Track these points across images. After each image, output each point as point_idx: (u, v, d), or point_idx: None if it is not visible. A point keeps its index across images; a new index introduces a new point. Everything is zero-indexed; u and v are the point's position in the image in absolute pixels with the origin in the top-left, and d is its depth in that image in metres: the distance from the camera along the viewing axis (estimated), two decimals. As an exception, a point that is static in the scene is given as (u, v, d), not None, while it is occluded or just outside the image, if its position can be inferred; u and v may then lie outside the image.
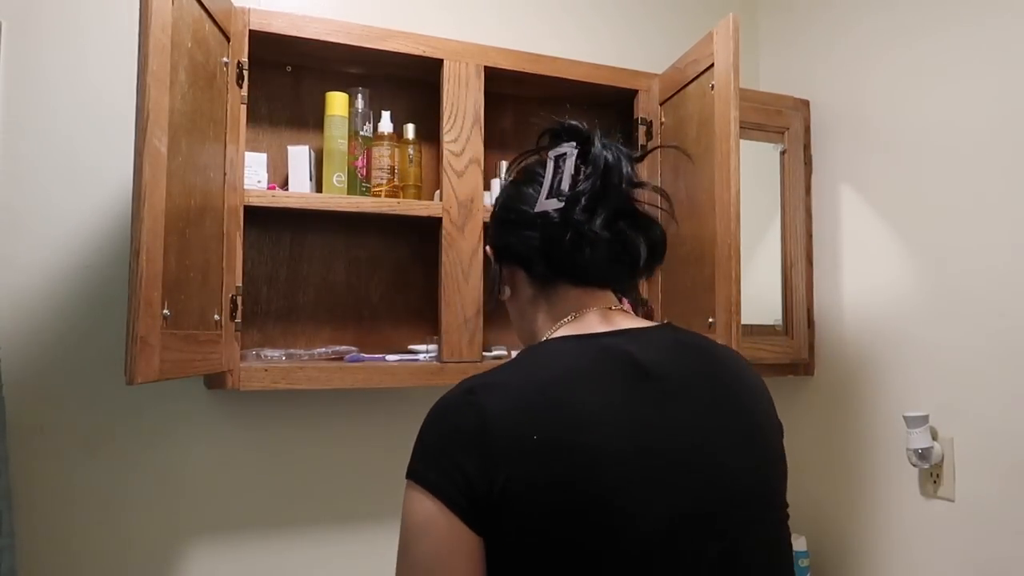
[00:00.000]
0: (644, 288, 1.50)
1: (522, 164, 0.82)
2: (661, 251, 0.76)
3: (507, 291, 0.81)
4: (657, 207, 0.82)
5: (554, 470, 0.58)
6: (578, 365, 0.66)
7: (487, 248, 0.84)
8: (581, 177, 0.72)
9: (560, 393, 0.62)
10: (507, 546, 0.59)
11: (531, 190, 0.76)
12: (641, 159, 0.78)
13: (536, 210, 0.73)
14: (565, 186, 0.72)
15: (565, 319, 0.74)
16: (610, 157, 0.72)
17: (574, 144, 0.74)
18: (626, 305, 0.78)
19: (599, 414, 0.61)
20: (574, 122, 0.76)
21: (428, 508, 0.60)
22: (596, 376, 0.64)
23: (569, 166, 0.72)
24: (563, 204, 0.71)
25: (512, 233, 0.77)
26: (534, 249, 0.75)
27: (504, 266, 0.80)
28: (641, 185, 0.75)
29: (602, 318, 0.73)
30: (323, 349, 1.36)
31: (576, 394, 0.62)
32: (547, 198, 0.72)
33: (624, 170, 0.72)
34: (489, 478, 0.58)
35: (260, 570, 1.35)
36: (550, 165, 0.74)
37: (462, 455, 0.60)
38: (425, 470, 0.62)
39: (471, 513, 0.59)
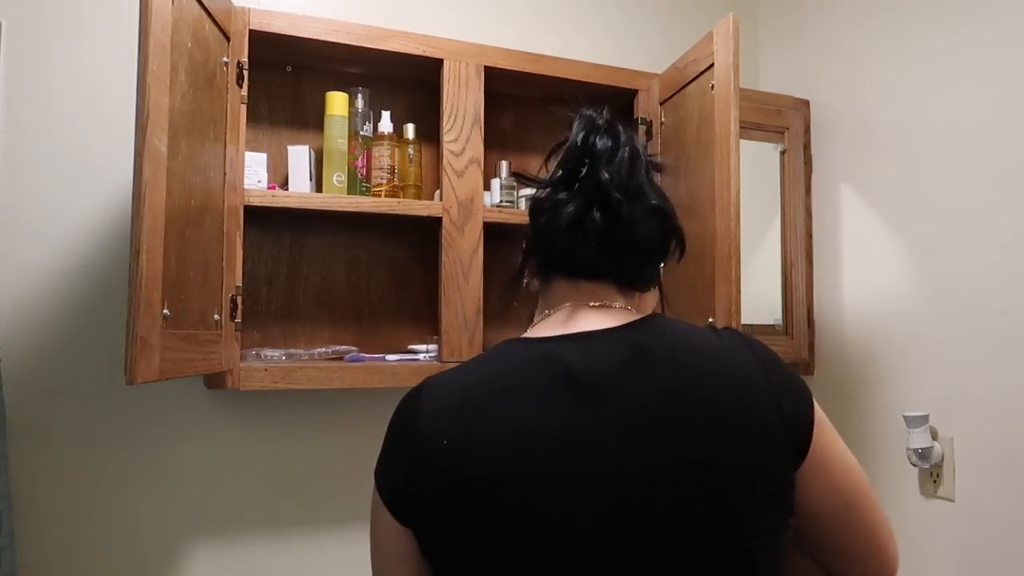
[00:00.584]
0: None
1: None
2: (666, 241, 0.71)
3: (534, 283, 0.76)
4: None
5: (456, 476, 0.59)
6: (504, 371, 0.64)
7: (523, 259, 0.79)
8: (569, 163, 0.69)
9: (479, 399, 0.62)
10: (427, 546, 0.62)
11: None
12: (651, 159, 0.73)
13: (531, 197, 0.71)
14: (557, 172, 0.70)
15: (543, 315, 0.71)
16: (604, 142, 0.68)
17: (583, 129, 0.70)
18: (636, 300, 0.72)
19: (507, 426, 0.59)
20: (587, 110, 0.72)
21: (376, 500, 0.66)
22: (517, 385, 0.62)
23: (566, 152, 0.70)
24: (547, 190, 0.69)
25: (529, 223, 0.74)
26: (531, 238, 0.73)
27: (526, 257, 0.76)
28: (655, 167, 0.71)
29: (567, 317, 0.68)
30: (323, 349, 1.36)
31: (492, 402, 0.61)
32: (543, 186, 0.71)
33: (621, 154, 0.68)
34: (410, 476, 0.61)
35: (260, 569, 1.35)
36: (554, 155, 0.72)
37: (395, 452, 0.64)
38: (378, 464, 0.67)
39: (398, 508, 0.63)
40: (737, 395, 0.61)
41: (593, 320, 0.67)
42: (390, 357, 1.34)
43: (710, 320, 1.27)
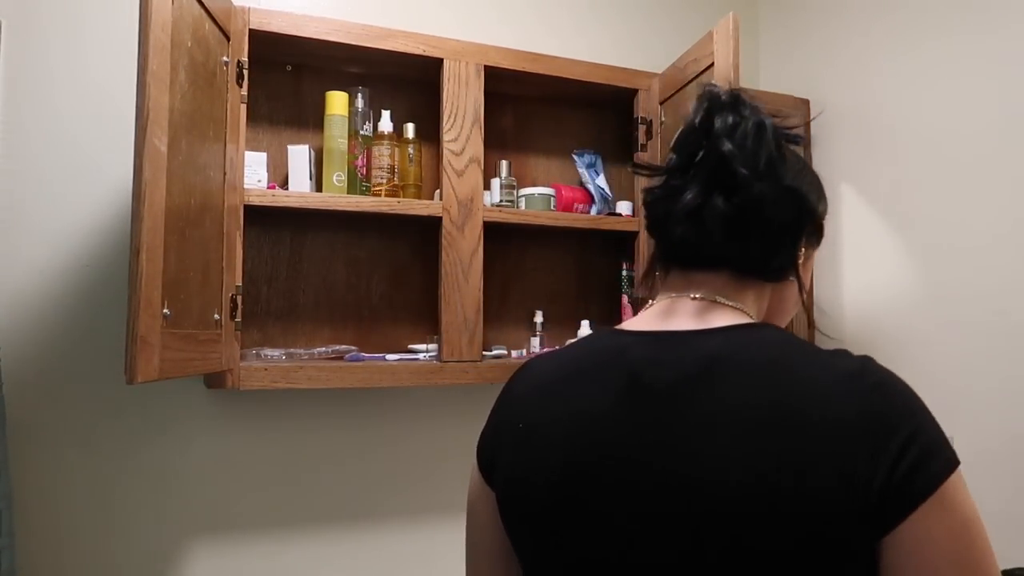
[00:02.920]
0: (645, 287, 1.49)
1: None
2: (800, 224, 0.62)
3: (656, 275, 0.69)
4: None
5: (518, 461, 0.61)
6: (579, 359, 0.63)
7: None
8: (686, 146, 0.61)
9: (549, 385, 0.63)
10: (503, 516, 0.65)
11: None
12: (791, 138, 0.63)
13: (645, 188, 0.65)
14: (672, 157, 0.63)
15: (647, 306, 0.66)
16: (725, 118, 0.60)
17: (703, 108, 0.61)
18: (767, 293, 0.65)
19: (559, 418, 0.60)
20: (710, 85, 0.63)
21: (474, 467, 0.69)
22: (581, 378, 0.61)
23: (682, 135, 0.62)
24: (662, 178, 0.62)
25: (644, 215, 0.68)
26: (650, 229, 0.66)
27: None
28: (783, 142, 0.61)
29: (664, 311, 0.63)
30: (323, 348, 1.36)
31: (556, 391, 0.62)
32: (659, 174, 0.64)
33: (744, 126, 0.59)
34: (491, 449, 0.66)
35: (260, 568, 1.35)
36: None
37: (489, 423, 0.68)
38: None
39: (486, 474, 0.66)
40: (801, 443, 0.49)
41: (688, 318, 0.60)
42: (390, 357, 1.34)
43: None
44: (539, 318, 1.51)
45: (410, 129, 1.42)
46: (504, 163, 1.50)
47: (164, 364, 0.90)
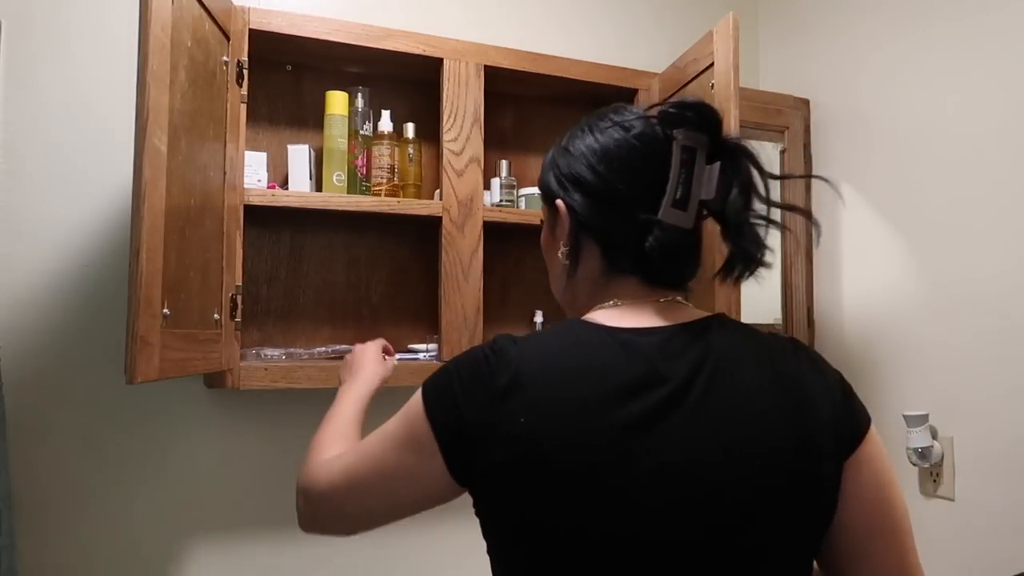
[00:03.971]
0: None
1: (612, 112, 0.72)
2: (757, 264, 0.69)
3: (564, 251, 0.73)
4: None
5: (531, 446, 0.60)
6: (586, 352, 0.63)
7: (558, 202, 0.72)
8: (714, 185, 0.66)
9: (564, 375, 0.62)
10: (484, 501, 0.66)
11: (642, 156, 0.68)
12: (778, 178, 0.73)
13: (660, 217, 0.66)
14: (693, 195, 0.66)
15: (610, 303, 0.70)
16: (748, 169, 0.66)
17: (705, 138, 0.67)
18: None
19: (572, 404, 0.60)
20: (706, 104, 0.67)
21: (418, 424, 0.67)
22: (598, 368, 0.62)
23: (707, 173, 0.66)
24: (691, 225, 0.67)
25: (601, 211, 0.70)
26: (619, 244, 0.70)
27: (580, 234, 0.72)
28: (779, 206, 0.69)
29: (639, 310, 0.68)
30: (323, 348, 1.36)
31: (572, 378, 0.61)
32: (672, 206, 0.66)
33: (758, 184, 0.66)
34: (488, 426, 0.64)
35: (260, 568, 1.35)
36: (676, 155, 0.66)
37: (474, 394, 0.65)
38: (443, 395, 0.68)
39: (452, 448, 0.66)
40: (803, 403, 0.63)
41: (665, 315, 0.68)
42: (390, 356, 1.34)
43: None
44: (539, 318, 1.51)
45: (410, 129, 1.42)
46: (504, 163, 1.50)
47: (164, 364, 0.90)
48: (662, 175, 0.67)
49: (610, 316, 0.67)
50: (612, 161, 0.69)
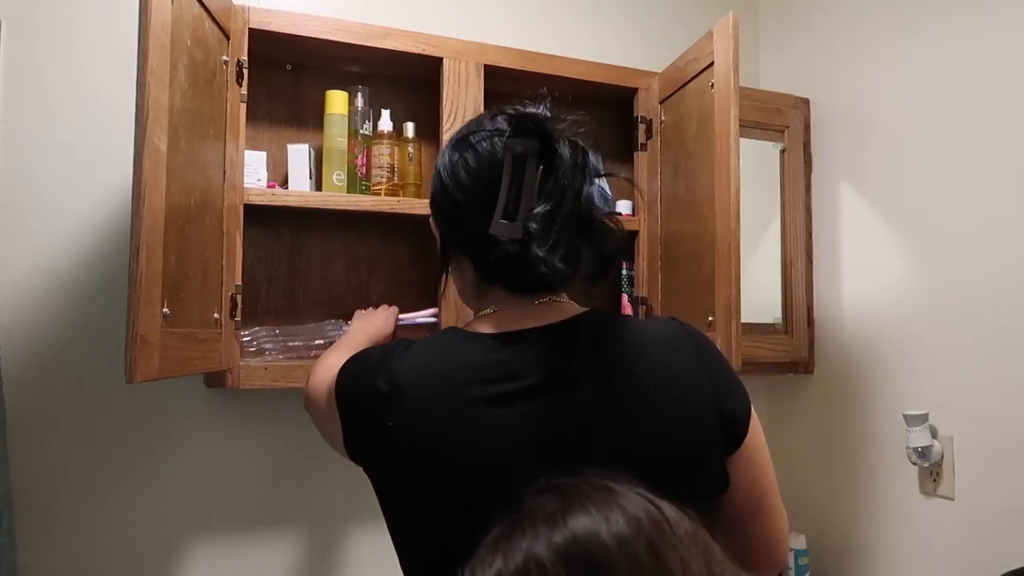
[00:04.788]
0: (644, 286, 1.50)
1: (471, 131, 0.74)
2: (612, 261, 0.74)
3: (450, 268, 0.80)
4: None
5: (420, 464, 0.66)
6: (461, 360, 0.68)
7: (431, 222, 0.79)
8: (539, 195, 0.67)
9: (448, 389, 0.67)
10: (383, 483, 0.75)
11: (477, 173, 0.71)
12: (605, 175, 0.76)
13: (491, 231, 0.68)
14: (523, 205, 0.67)
15: (488, 310, 0.74)
16: (572, 175, 0.68)
17: (535, 143, 0.68)
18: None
19: (472, 422, 0.64)
20: (538, 112, 0.70)
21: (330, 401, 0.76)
22: (476, 378, 0.66)
23: (529, 179, 0.67)
24: (521, 235, 0.67)
25: (455, 228, 0.75)
26: (480, 256, 0.72)
27: (451, 250, 0.78)
28: (605, 213, 0.74)
29: (515, 315, 0.71)
30: (321, 340, 1.36)
31: (463, 395, 0.65)
32: (502, 217, 0.67)
33: (583, 183, 0.68)
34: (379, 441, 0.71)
35: (259, 567, 1.35)
36: (507, 165, 0.68)
37: (367, 413, 0.72)
38: (350, 383, 0.76)
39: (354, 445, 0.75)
40: (680, 391, 0.68)
41: (541, 316, 0.71)
42: (390, 356, 1.34)
43: (710, 318, 1.26)
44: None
45: (410, 128, 1.42)
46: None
47: (164, 363, 0.90)
48: (497, 187, 0.68)
49: (484, 323, 0.72)
50: (456, 178, 0.72)
